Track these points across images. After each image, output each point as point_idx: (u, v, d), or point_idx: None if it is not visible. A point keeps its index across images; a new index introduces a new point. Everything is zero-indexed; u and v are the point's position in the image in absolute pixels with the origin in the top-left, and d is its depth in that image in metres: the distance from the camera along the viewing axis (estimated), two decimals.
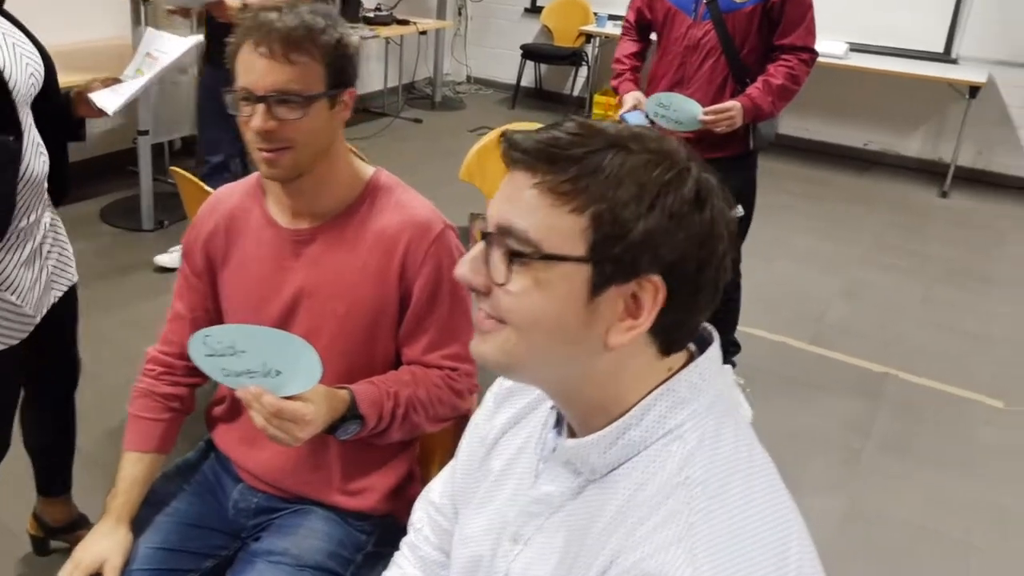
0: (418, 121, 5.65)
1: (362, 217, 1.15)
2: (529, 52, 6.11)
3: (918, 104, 5.21)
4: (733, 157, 2.27)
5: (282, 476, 1.17)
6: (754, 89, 2.17)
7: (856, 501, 2.16)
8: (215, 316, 1.23)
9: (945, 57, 5.08)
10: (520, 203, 0.65)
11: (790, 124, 5.63)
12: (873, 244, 3.99)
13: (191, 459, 1.28)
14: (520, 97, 6.30)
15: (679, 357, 0.71)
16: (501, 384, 0.87)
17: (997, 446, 2.45)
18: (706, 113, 2.15)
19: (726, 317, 2.48)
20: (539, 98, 6.45)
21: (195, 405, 1.28)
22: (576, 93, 6.31)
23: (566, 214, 0.64)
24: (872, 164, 5.32)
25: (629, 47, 2.41)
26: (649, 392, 0.68)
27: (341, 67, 1.09)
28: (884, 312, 3.28)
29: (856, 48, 5.20)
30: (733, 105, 2.15)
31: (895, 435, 2.46)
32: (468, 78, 6.85)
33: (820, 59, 5.06)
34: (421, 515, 0.97)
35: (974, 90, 4.71)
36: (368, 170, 1.20)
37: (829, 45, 5.06)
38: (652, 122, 2.32)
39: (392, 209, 1.15)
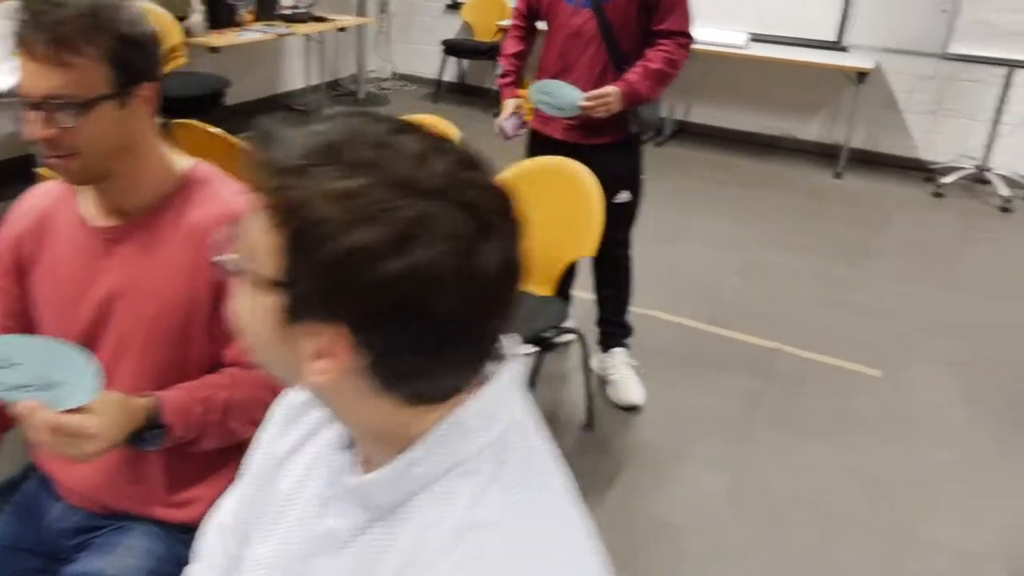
0: None
1: (176, 212, 1.06)
2: (450, 47, 6.03)
3: (815, 90, 5.33)
4: (616, 143, 2.27)
5: (101, 491, 1.08)
6: (632, 74, 2.15)
7: (740, 476, 2.17)
8: (27, 325, 1.12)
9: (837, 45, 5.21)
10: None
11: (700, 112, 5.71)
12: (771, 225, 4.06)
13: (12, 479, 1.18)
14: (443, 92, 6.23)
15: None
16: (292, 399, 0.79)
17: (872, 415, 2.50)
18: (585, 99, 2.14)
19: (616, 301, 2.47)
20: (462, 92, 6.38)
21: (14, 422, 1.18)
22: (496, 87, 6.27)
23: (267, 228, 0.56)
24: (774, 148, 5.43)
25: (513, 46, 2.39)
26: (435, 422, 0.61)
27: (130, 61, 0.97)
28: (778, 290, 3.33)
29: (756, 38, 5.28)
30: (611, 90, 2.13)
31: (781, 409, 2.49)
32: (393, 74, 6.72)
33: (723, 49, 5.28)
34: (212, 540, 0.88)
35: (862, 76, 4.84)
36: (185, 163, 1.11)
37: (730, 35, 5.15)
38: (536, 111, 2.30)
39: (207, 202, 1.07)
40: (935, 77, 5.01)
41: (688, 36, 2.19)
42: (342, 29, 5.48)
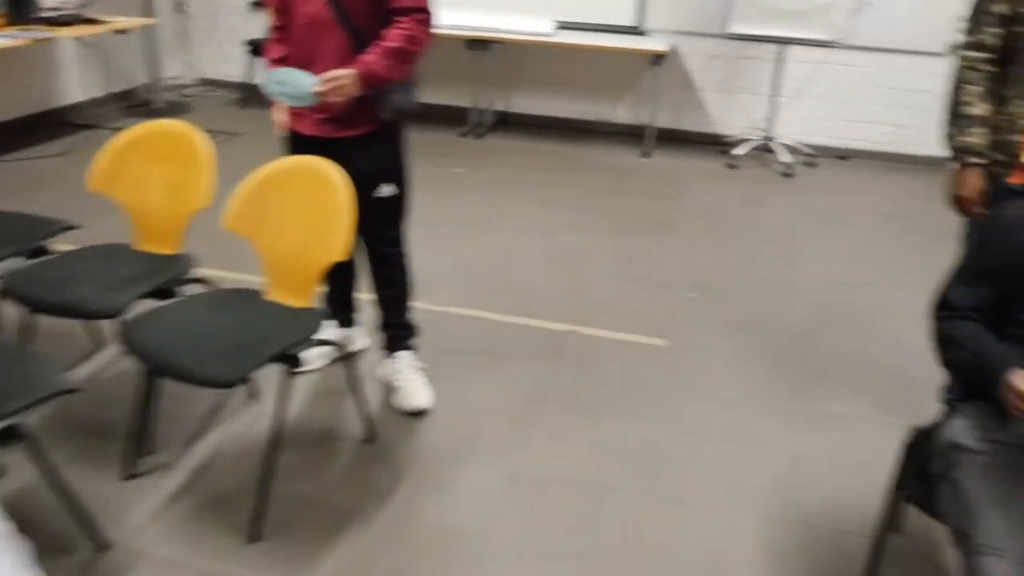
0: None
1: None
2: (257, 48, 5.68)
3: (620, 74, 5.47)
4: (371, 134, 2.13)
5: None
6: (369, 55, 2.00)
7: (518, 466, 2.14)
8: None
9: (636, 30, 5.37)
10: None
11: (520, 103, 5.73)
12: (578, 207, 4.13)
13: None
14: (255, 96, 5.88)
15: None
16: None
17: (655, 384, 2.55)
18: (319, 83, 1.98)
19: (395, 302, 2.39)
20: None
21: None
22: None
23: None
24: (588, 133, 5.54)
25: (273, 51, 2.20)
26: None
27: None
28: (578, 271, 3.37)
29: (564, 26, 5.36)
30: (345, 72, 1.97)
31: (567, 392, 2.49)
32: (198, 80, 6.30)
33: (533, 37, 5.33)
34: None
35: (658, 58, 5.02)
36: None
37: (538, 24, 5.19)
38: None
39: None
40: (722, 56, 5.27)
41: (426, 12, 2.06)
42: (122, 31, 4.99)
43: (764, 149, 5.13)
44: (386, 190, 2.21)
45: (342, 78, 1.98)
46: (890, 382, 2.60)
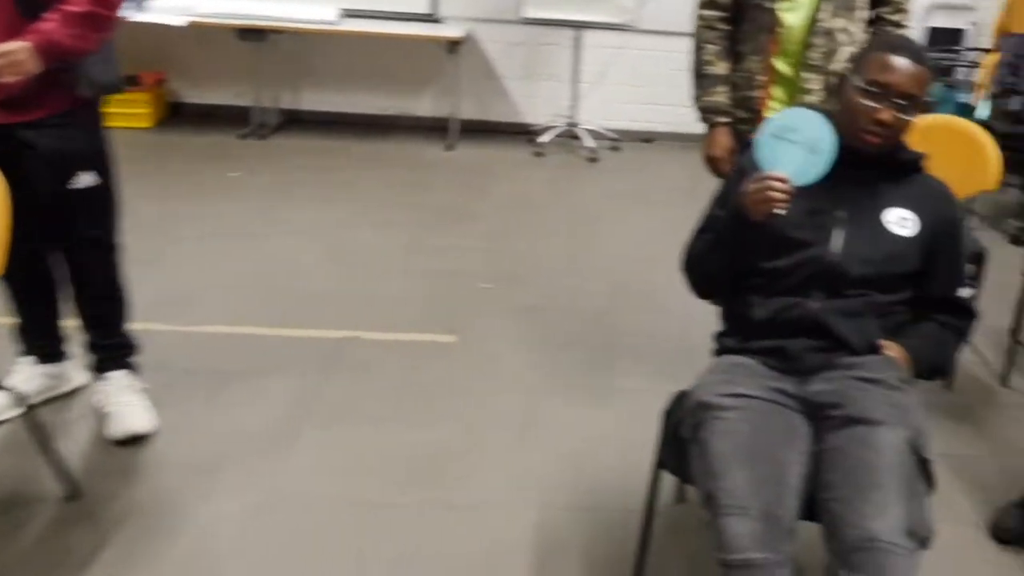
0: None
1: None
2: None
3: (421, 65, 5.41)
4: (61, 114, 1.88)
5: None
6: (47, 23, 1.75)
7: (273, 492, 1.96)
8: None
9: (431, 17, 5.34)
10: None
11: (312, 99, 5.52)
12: (374, 206, 3.99)
13: None
14: None
15: None
16: None
17: (441, 384, 2.47)
18: None
19: (109, 316, 2.10)
20: None
21: None
22: None
23: None
24: (391, 128, 5.43)
25: None
26: None
27: None
28: (366, 273, 3.22)
29: (350, 14, 5.21)
30: (17, 46, 1.71)
31: (340, 403, 2.35)
32: None
33: (315, 26, 5.12)
34: None
35: (454, 45, 5.01)
36: None
37: (321, 11, 5.01)
38: None
39: None
40: (523, 43, 5.37)
41: None
42: None
43: (570, 136, 5.27)
44: (85, 179, 1.94)
45: (15, 53, 1.72)
46: (682, 355, 2.68)
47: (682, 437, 1.50)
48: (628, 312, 3.02)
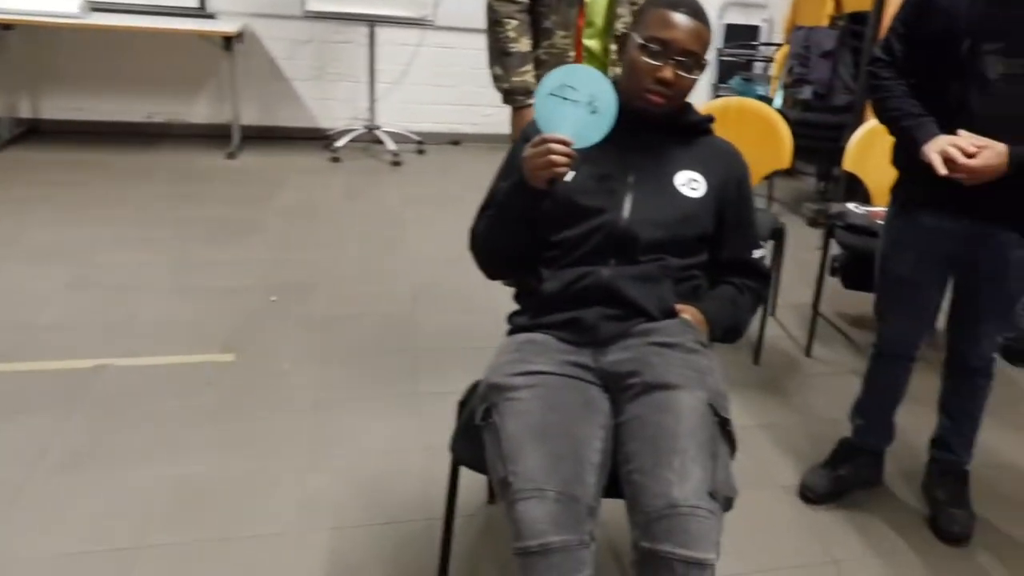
0: None
1: None
2: None
3: (194, 67, 5.08)
4: None
5: None
6: None
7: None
8: None
9: (202, 12, 5.03)
10: None
11: (60, 106, 4.99)
12: (135, 223, 3.63)
13: None
14: None
15: None
16: None
17: (215, 408, 2.26)
18: None
19: None
20: None
21: None
22: None
23: None
24: (159, 138, 5.04)
25: None
26: None
27: None
28: (122, 295, 2.90)
29: (98, 7, 4.78)
30: None
31: (84, 443, 2.07)
32: None
33: (55, 19, 4.65)
34: None
35: (227, 41, 4.74)
36: None
37: (60, 3, 4.55)
38: None
39: None
40: (311, 41, 5.20)
41: None
42: None
43: (373, 140, 5.16)
44: None
45: None
46: (491, 353, 2.63)
47: (476, 426, 1.43)
48: (432, 314, 2.95)
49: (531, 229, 1.55)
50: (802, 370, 2.80)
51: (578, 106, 1.44)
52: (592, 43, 2.09)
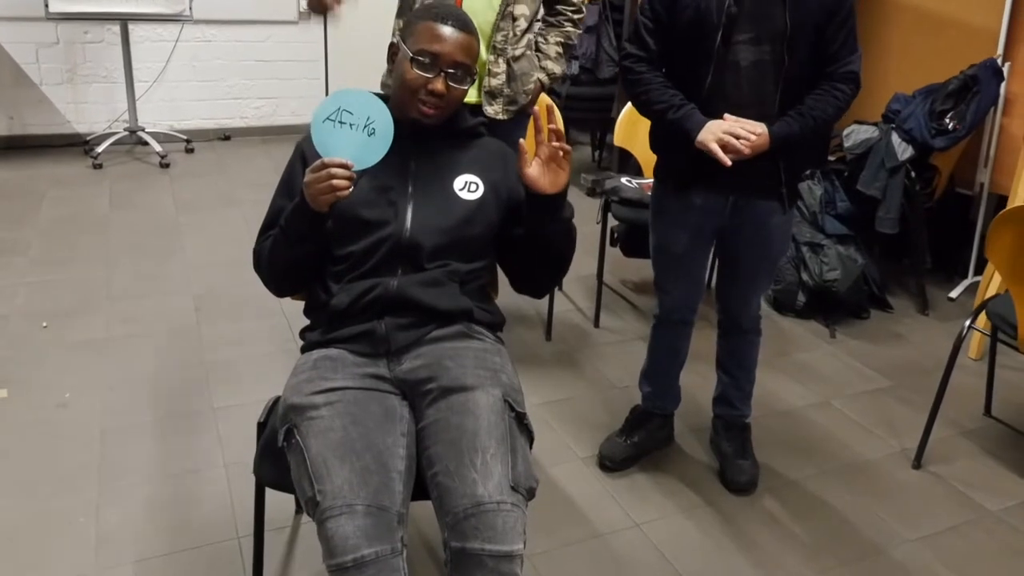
0: None
1: None
2: None
3: None
4: None
5: None
6: None
7: None
8: None
9: None
10: None
11: None
12: None
13: None
14: None
15: None
16: None
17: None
18: None
19: None
20: None
21: None
22: None
23: None
24: None
25: None
26: None
27: None
28: None
29: None
30: None
31: None
32: None
33: None
34: None
35: None
36: None
37: None
38: None
39: None
40: (60, 42, 4.54)
41: None
42: None
43: (137, 142, 4.63)
44: None
45: None
46: (286, 358, 2.49)
47: (279, 447, 1.34)
48: (218, 324, 2.71)
49: (317, 247, 1.47)
50: (592, 341, 2.78)
51: (355, 129, 1.36)
52: None
